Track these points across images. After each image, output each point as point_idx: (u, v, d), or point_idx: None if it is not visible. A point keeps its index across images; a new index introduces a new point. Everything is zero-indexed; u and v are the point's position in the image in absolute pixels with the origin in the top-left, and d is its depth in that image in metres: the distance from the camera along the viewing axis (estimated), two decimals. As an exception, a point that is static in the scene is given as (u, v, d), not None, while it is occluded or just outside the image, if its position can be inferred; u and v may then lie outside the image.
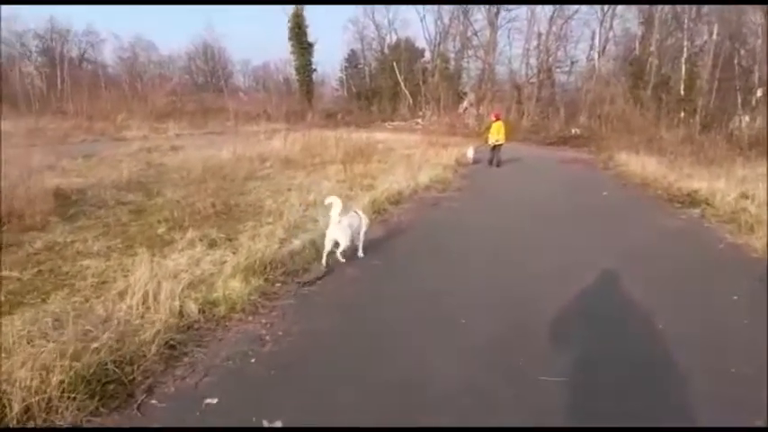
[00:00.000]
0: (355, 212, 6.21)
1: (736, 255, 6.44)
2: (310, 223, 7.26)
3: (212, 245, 6.22)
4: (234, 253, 5.55)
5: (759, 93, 30.13)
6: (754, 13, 30.79)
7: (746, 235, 7.16)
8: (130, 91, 39.09)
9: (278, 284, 4.92)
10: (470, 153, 17.89)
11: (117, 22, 73.88)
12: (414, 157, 17.47)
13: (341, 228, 5.66)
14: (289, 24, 38.60)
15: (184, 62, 48.05)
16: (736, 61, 30.68)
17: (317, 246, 6.05)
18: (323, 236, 5.83)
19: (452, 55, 43.58)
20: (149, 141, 19.57)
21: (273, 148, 16.96)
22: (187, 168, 12.31)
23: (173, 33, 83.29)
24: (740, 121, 29.10)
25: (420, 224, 8.01)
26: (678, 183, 11.30)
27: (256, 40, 76.81)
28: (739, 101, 29.52)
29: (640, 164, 14.36)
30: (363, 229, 6.14)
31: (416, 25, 61.15)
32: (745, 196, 9.18)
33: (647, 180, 12.67)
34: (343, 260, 5.62)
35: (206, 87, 46.14)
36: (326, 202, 5.83)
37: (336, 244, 5.63)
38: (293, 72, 42.07)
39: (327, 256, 5.62)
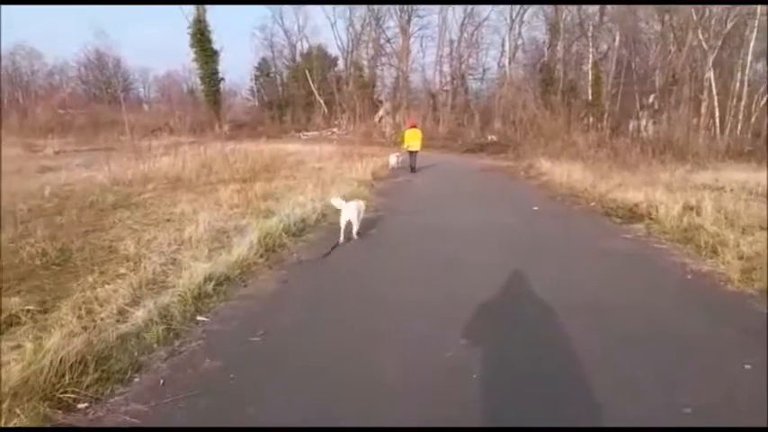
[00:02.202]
0: (356, 201, 7.68)
1: (709, 288, 5.14)
2: (174, 274, 5.26)
3: (12, 323, 4.14)
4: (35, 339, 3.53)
5: (651, 98, 31.18)
6: (650, 21, 31.81)
7: (709, 259, 5.98)
8: (10, 104, 34.55)
9: None
10: (393, 161, 18.02)
11: None
12: (326, 170, 15.70)
13: (351, 210, 7.33)
14: (190, 30, 35.54)
15: (75, 72, 43.39)
16: (633, 68, 31.52)
17: (171, 316, 4.19)
18: (182, 299, 4.42)
19: (366, 62, 42.30)
20: (16, 162, 16.47)
21: (163, 167, 14.54)
22: (41, 197, 9.84)
23: (59, 41, 75.72)
24: (638, 124, 29.93)
25: (320, 267, 6.20)
26: (611, 193, 10.26)
27: (156, 47, 71.00)
28: (637, 105, 30.34)
29: (565, 172, 13.37)
30: (361, 214, 7.56)
31: (328, 32, 59.30)
32: (689, 208, 8.13)
33: (575, 190, 11.62)
34: (357, 237, 7.33)
35: (101, 99, 41.83)
36: (334, 203, 7.67)
37: (350, 223, 7.29)
38: (198, 81, 38.87)
39: (344, 233, 7.22)
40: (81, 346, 3.49)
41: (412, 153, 17.13)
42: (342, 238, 7.15)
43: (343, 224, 7.23)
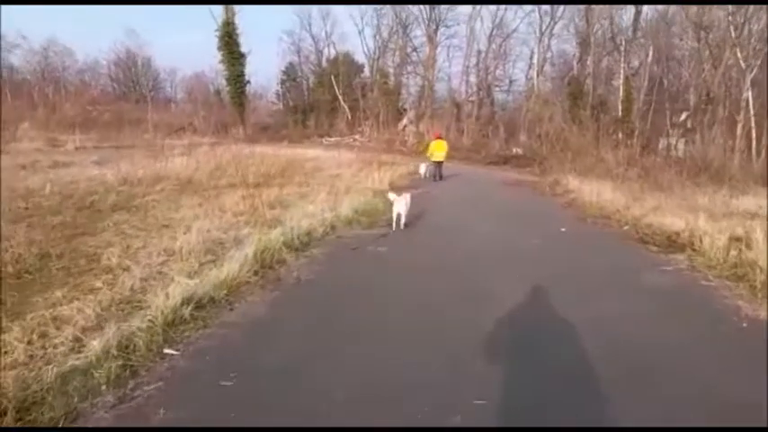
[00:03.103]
0: (405, 195, 8.87)
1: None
2: (154, 291, 4.59)
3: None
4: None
5: (683, 116, 29.92)
6: (684, 38, 30.60)
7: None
8: (40, 98, 34.71)
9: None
10: (422, 169, 18.19)
11: (27, 23, 65.16)
12: (343, 178, 15.04)
13: (401, 204, 8.55)
14: (218, 32, 35.37)
15: (105, 70, 43.62)
16: (665, 85, 30.32)
17: (133, 347, 3.54)
18: (151, 326, 3.80)
19: (392, 70, 41.71)
20: (32, 156, 16.16)
21: (177, 167, 14.04)
22: (41, 194, 9.35)
23: (91, 38, 76.49)
24: (668, 142, 28.72)
25: (321, 289, 5.47)
26: (646, 217, 9.36)
27: (185, 49, 71.28)
28: (668, 123, 29.14)
29: (594, 191, 12.45)
30: (408, 206, 8.72)
31: (355, 39, 58.90)
32: (736, 239, 7.21)
33: (605, 211, 10.72)
34: (403, 227, 8.51)
35: (128, 97, 41.94)
36: (389, 196, 9.08)
37: (399, 215, 8.50)
38: (224, 83, 38.67)
39: (395, 223, 8.49)
40: (10, 387, 2.86)
41: (437, 164, 17.30)
42: (394, 227, 8.49)
43: (394, 215, 8.52)
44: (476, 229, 9.22)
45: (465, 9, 37.41)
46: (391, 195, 9.01)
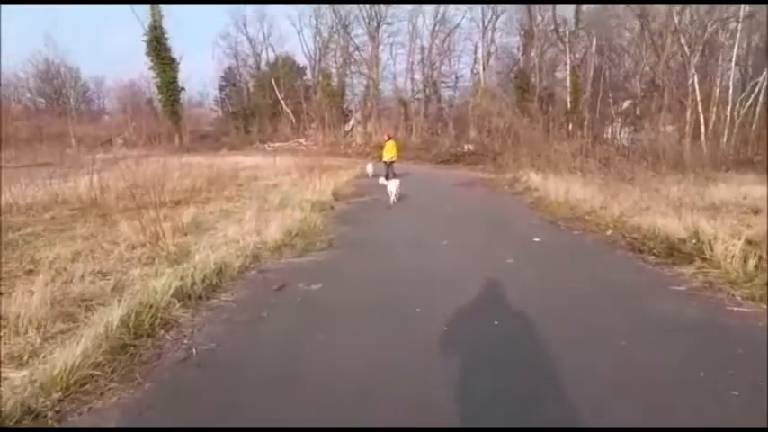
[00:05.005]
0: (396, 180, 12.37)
1: None
2: None
3: None
4: None
5: (625, 104, 29.53)
6: (627, 28, 30.19)
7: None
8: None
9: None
10: (369, 168, 18.78)
11: None
12: (280, 188, 13.15)
13: (395, 185, 11.77)
14: (146, 37, 32.55)
15: (22, 82, 39.65)
16: (606, 74, 29.80)
17: None
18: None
19: (334, 71, 39.82)
20: None
21: (84, 187, 11.75)
22: None
23: (6, 49, 70.09)
24: (612, 131, 28.23)
25: (222, 370, 3.64)
26: (630, 218, 7.95)
27: (113, 55, 66.17)
28: (612, 112, 28.66)
29: (561, 188, 11.05)
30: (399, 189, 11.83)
31: (294, 40, 56.85)
32: (751, 242, 5.83)
33: (578, 211, 9.32)
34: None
35: (52, 110, 38.29)
36: (381, 182, 13.10)
37: (392, 192, 11.55)
38: (156, 90, 35.78)
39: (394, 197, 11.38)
40: None
41: (389, 164, 16.86)
42: (392, 201, 11.47)
43: (391, 196, 11.55)
44: (433, 244, 7.54)
45: (406, 6, 36.04)
46: (382, 180, 13.21)
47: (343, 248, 7.24)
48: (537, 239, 7.65)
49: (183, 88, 35.71)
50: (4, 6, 35.42)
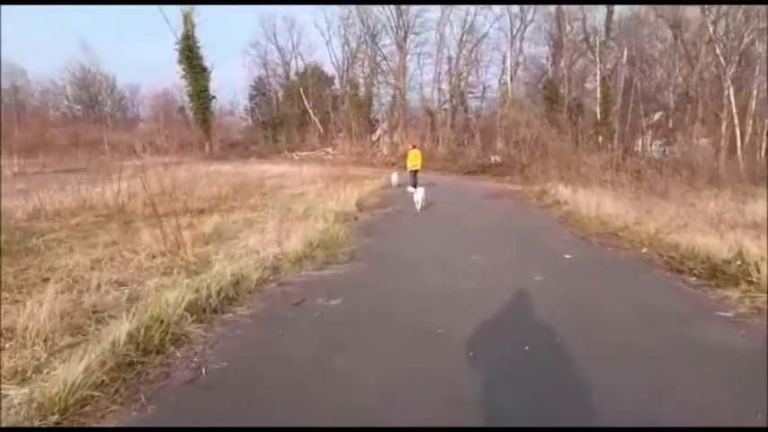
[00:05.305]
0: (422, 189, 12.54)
1: None
2: None
3: None
4: None
5: (656, 116, 28.67)
6: (660, 38, 29.41)
7: None
8: (-9, 122, 31.91)
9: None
10: (394, 178, 18.77)
11: None
12: (305, 197, 13.01)
13: (421, 194, 12.09)
14: (178, 46, 33.12)
15: (60, 89, 40.75)
16: (636, 84, 29.00)
17: None
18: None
19: (362, 81, 39.83)
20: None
21: (109, 193, 11.76)
22: None
23: (44, 56, 71.83)
24: (642, 143, 27.39)
25: (233, 392, 3.42)
26: (666, 235, 7.50)
27: (148, 63, 67.50)
28: (643, 124, 27.83)
29: (592, 202, 10.60)
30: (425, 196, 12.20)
31: (323, 49, 57.11)
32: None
33: (610, 227, 8.88)
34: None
35: (88, 118, 39.22)
36: (409, 190, 14.19)
37: (418, 201, 11.94)
38: (188, 99, 36.27)
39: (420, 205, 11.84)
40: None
41: (413, 173, 16.74)
42: (418, 208, 11.87)
43: (417, 202, 11.99)
44: (458, 259, 7.23)
45: (434, 15, 35.87)
46: (410, 188, 14.37)
47: (366, 261, 6.99)
48: (568, 256, 7.26)
49: (214, 97, 36.20)
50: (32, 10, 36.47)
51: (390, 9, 36.58)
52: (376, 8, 36.91)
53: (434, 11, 35.68)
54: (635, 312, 4.88)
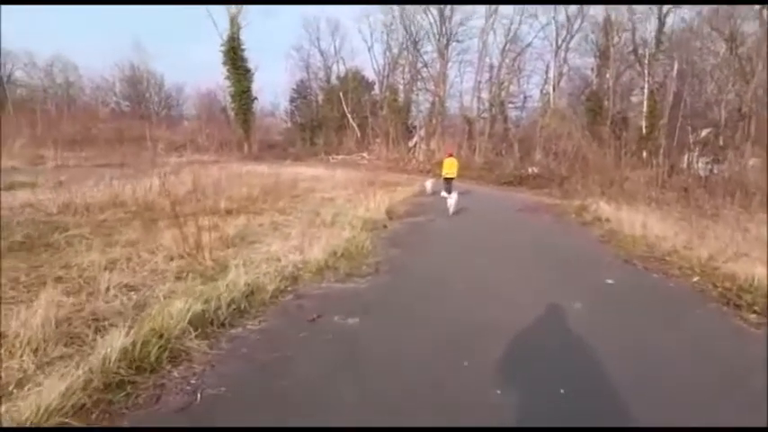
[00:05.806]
0: (456, 193, 13.01)
1: None
2: None
3: None
4: None
5: (703, 133, 27.21)
6: (712, 51, 28.01)
7: None
8: (43, 115, 33.06)
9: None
10: (428, 186, 18.51)
11: (32, 39, 61.08)
12: (335, 202, 12.67)
13: (453, 198, 12.48)
14: (223, 48, 33.54)
15: (110, 85, 41.92)
16: (685, 99, 27.63)
17: None
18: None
19: (401, 87, 39.51)
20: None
21: (140, 190, 11.69)
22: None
23: (97, 53, 73.90)
24: (689, 160, 26.01)
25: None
26: (721, 262, 6.78)
27: (195, 63, 69.04)
28: (691, 140, 26.44)
29: (637, 221, 9.86)
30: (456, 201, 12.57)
31: (364, 55, 57.19)
32: None
33: (657, 250, 8.17)
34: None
35: (135, 114, 40.17)
36: (442, 194, 14.51)
37: (450, 205, 12.30)
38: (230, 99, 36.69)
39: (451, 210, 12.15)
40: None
41: (448, 180, 16.49)
42: (450, 212, 12.24)
43: (450, 206, 12.34)
44: (489, 278, 6.70)
45: (477, 23, 35.27)
46: (444, 194, 14.34)
47: (390, 275, 6.53)
48: (610, 281, 6.62)
49: (255, 98, 36.52)
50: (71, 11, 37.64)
51: (434, 16, 36.25)
52: (419, 15, 36.63)
53: (478, 18, 35.11)
54: (691, 354, 4.27)
